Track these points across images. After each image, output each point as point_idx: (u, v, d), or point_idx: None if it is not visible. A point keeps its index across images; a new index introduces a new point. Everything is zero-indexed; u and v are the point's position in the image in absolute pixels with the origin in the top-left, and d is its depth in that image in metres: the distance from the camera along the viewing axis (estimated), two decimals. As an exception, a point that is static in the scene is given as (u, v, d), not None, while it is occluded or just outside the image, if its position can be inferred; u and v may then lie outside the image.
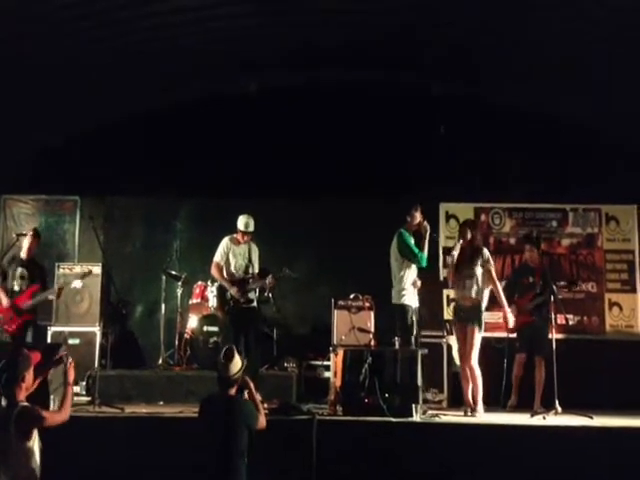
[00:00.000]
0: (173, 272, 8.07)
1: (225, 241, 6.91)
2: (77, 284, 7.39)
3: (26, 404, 3.93)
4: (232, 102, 8.59)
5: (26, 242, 7.29)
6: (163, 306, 7.95)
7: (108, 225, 8.81)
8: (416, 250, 6.52)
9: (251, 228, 6.81)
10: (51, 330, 7.58)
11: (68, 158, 8.57)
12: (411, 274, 6.56)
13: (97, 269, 7.81)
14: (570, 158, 8.36)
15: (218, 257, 6.85)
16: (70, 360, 4.30)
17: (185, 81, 8.33)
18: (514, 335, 7.12)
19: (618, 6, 6.17)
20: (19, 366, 4.00)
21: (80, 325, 7.67)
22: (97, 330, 7.62)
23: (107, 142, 8.61)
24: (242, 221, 6.81)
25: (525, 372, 7.11)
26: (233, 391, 4.62)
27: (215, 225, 8.51)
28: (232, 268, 6.85)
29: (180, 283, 7.97)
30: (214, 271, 6.89)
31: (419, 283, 6.59)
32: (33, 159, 8.58)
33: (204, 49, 7.66)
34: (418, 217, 6.68)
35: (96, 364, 7.26)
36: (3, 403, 3.94)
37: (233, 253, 6.86)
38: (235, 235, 6.89)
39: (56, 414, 4.05)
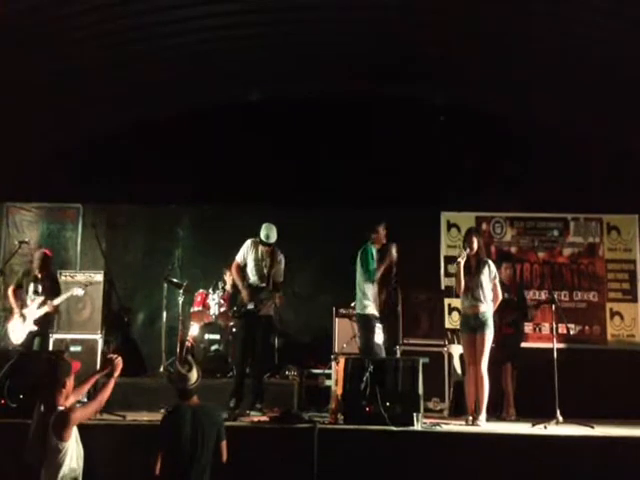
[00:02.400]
0: (175, 280, 8.07)
1: (247, 243, 6.84)
2: (79, 292, 7.41)
3: (62, 409, 4.12)
4: (234, 111, 8.63)
5: (37, 261, 7.39)
6: (164, 314, 7.96)
7: (110, 233, 8.83)
8: (371, 265, 6.67)
9: (272, 240, 6.72)
10: (53, 337, 7.57)
11: (70, 166, 8.59)
12: (373, 287, 6.71)
13: (99, 277, 7.82)
14: (571, 168, 8.38)
15: (239, 257, 6.85)
16: (117, 356, 4.61)
17: (187, 90, 8.37)
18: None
19: (616, 12, 6.21)
20: (59, 372, 4.22)
21: (82, 332, 7.67)
22: (99, 337, 7.62)
23: (109, 150, 8.65)
24: (263, 232, 6.71)
25: (514, 382, 7.20)
26: (195, 398, 4.59)
27: (217, 233, 8.56)
28: (248, 271, 6.80)
29: (182, 291, 7.96)
30: (232, 269, 6.93)
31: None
32: (36, 167, 8.61)
33: (206, 58, 7.71)
34: (382, 234, 6.80)
35: (97, 372, 7.26)
36: (42, 408, 4.16)
37: (252, 257, 6.79)
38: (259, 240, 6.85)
39: (89, 407, 4.39)
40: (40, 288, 7.28)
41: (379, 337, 6.65)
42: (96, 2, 6.20)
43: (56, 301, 7.23)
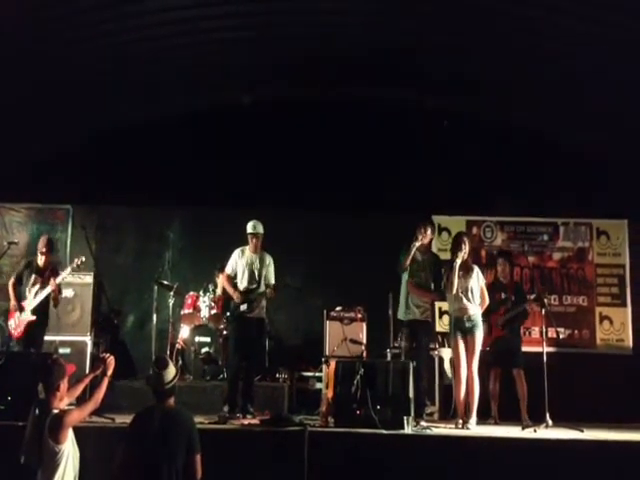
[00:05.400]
0: (165, 282, 8.03)
1: (234, 253, 6.92)
2: (68, 293, 7.36)
3: (57, 411, 4.13)
4: (226, 114, 8.63)
5: (42, 255, 7.05)
6: (155, 316, 7.90)
7: (100, 234, 8.78)
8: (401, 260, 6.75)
9: (259, 230, 6.81)
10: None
11: (61, 167, 8.55)
12: (404, 290, 6.79)
13: (89, 278, 7.77)
14: (562, 173, 8.43)
15: (228, 269, 6.91)
16: (109, 355, 4.63)
17: (179, 92, 8.36)
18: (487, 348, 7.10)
19: (617, 23, 6.25)
20: (54, 375, 4.22)
21: (71, 334, 7.60)
22: (88, 340, 7.56)
23: (100, 152, 8.61)
24: (249, 225, 6.84)
25: (502, 386, 7.07)
26: (171, 401, 4.28)
27: (207, 235, 8.54)
28: (238, 279, 6.84)
29: (172, 293, 7.92)
30: (223, 280, 7.01)
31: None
32: (26, 167, 8.56)
33: (199, 60, 7.71)
34: (420, 236, 6.79)
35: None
36: (36, 411, 4.16)
37: (241, 263, 6.84)
38: (246, 246, 6.88)
39: (84, 408, 4.33)
40: (39, 280, 6.96)
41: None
42: (94, 3, 6.18)
43: (58, 279, 7.06)
